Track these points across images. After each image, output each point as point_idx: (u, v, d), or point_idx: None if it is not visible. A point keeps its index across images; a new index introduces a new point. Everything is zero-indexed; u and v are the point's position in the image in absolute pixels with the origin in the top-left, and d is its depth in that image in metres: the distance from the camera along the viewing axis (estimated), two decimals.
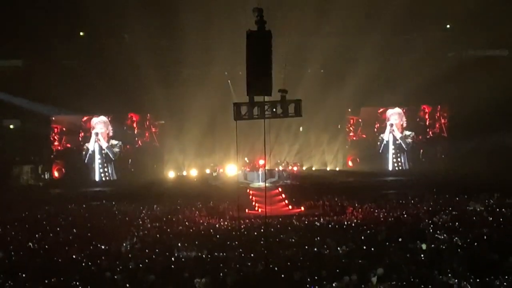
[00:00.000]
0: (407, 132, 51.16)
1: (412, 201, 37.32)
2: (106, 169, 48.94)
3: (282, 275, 19.87)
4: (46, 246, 26.29)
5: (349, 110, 51.27)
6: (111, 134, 49.06)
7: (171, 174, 48.90)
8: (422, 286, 18.49)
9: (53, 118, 48.22)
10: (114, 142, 49.06)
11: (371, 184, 45.16)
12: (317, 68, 48.58)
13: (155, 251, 24.55)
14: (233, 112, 24.10)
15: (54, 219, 33.91)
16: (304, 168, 50.55)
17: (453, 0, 41.90)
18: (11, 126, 48.49)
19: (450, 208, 33.67)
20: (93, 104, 46.34)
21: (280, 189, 43.11)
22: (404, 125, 51.14)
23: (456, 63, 47.21)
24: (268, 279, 19.85)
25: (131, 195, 41.44)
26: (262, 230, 28.16)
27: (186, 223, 32.09)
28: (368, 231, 27.63)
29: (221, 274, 20.19)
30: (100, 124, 48.85)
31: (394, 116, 51.06)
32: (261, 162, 45.76)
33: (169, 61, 46.83)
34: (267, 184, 42.37)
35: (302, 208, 38.11)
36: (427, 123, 51.63)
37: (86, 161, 48.63)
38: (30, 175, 48.58)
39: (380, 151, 51.16)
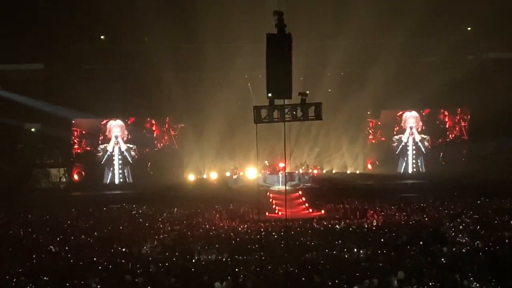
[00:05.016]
0: (423, 136, 50.87)
1: (433, 204, 37.12)
2: (124, 172, 49.05)
3: (303, 279, 19.84)
4: (67, 249, 26.43)
5: (369, 113, 51.10)
6: (126, 138, 49.17)
7: (191, 177, 48.86)
8: None
9: (73, 121, 48.38)
10: (130, 145, 49.18)
11: (391, 187, 44.97)
12: (337, 71, 48.43)
13: (175, 254, 24.63)
14: (253, 115, 24.12)
15: (75, 222, 34.05)
16: (324, 171, 50.44)
17: (473, 3, 41.64)
18: (32, 130, 48.75)
19: (472, 212, 33.49)
20: (113, 108, 46.55)
21: (300, 192, 42.98)
22: (420, 129, 50.88)
23: (477, 66, 47.00)
24: (288, 282, 19.83)
25: (151, 198, 41.48)
26: (282, 233, 28.14)
27: (206, 226, 32.11)
28: (389, 235, 27.57)
29: (241, 278, 20.20)
30: (116, 128, 48.99)
31: (411, 119, 50.83)
32: (281, 165, 45.59)
33: (189, 64, 46.87)
34: (287, 187, 42.18)
35: (323, 211, 37.91)
36: (447, 126, 51.32)
37: (104, 163, 48.80)
38: (51, 178, 48.77)
39: (398, 153, 50.92)
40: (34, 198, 42.63)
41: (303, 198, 41.46)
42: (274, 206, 39.35)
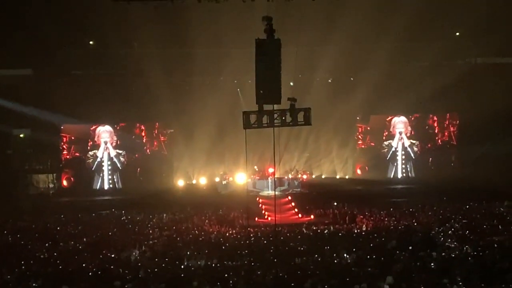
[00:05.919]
0: (412, 141, 51.05)
1: (422, 209, 37.16)
2: (114, 178, 49.00)
3: (292, 284, 19.82)
4: (56, 254, 26.34)
5: (358, 118, 51.22)
6: (115, 143, 49.16)
7: (180, 183, 48.84)
8: None
9: (62, 127, 48.30)
10: (119, 151, 49.15)
11: (380, 192, 45.04)
12: (326, 76, 48.52)
13: (165, 260, 24.56)
14: (242, 120, 24.14)
15: (64, 227, 33.94)
16: (313, 176, 50.45)
17: (462, 8, 41.74)
18: (21, 135, 48.54)
19: (461, 216, 33.55)
20: (102, 113, 46.57)
21: (289, 197, 43.02)
22: (409, 134, 51.07)
23: (465, 70, 47.10)
24: (278, 287, 19.82)
25: (140, 203, 41.38)
26: (271, 239, 28.13)
27: (196, 231, 32.05)
28: (378, 240, 27.59)
29: (230, 283, 20.15)
30: (105, 133, 48.97)
31: (400, 124, 51.04)
32: (271, 170, 45.67)
33: (178, 69, 46.81)
34: (276, 192, 42.25)
35: (312, 217, 37.94)
36: (436, 131, 51.54)
37: (94, 169, 48.76)
38: (40, 184, 48.59)
39: (388, 158, 51.08)
40: (23, 204, 42.46)
41: (293, 203, 41.49)
42: (263, 211, 39.34)
